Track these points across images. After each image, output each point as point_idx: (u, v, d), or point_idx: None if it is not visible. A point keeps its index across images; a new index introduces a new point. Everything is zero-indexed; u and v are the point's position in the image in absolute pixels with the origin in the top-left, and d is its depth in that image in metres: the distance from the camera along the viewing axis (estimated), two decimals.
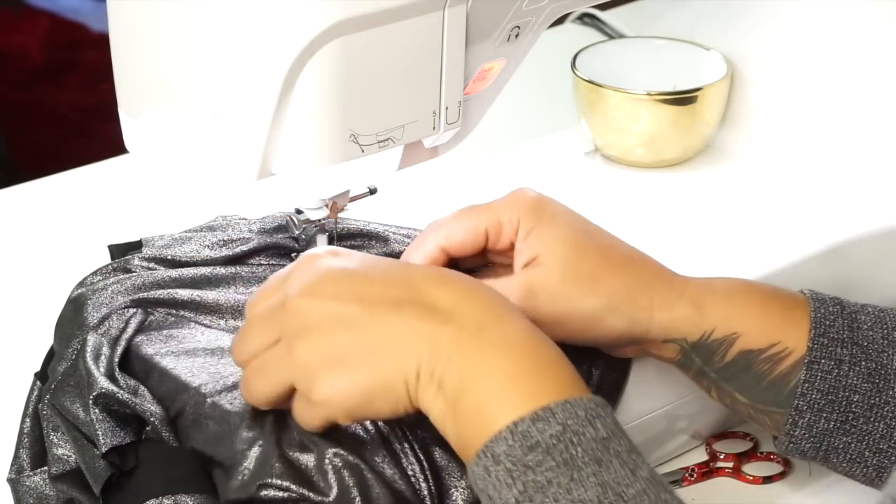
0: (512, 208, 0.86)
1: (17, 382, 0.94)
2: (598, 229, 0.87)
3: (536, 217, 0.85)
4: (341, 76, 0.80)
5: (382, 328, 0.75)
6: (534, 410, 0.71)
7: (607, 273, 0.84)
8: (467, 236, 0.86)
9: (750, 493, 0.94)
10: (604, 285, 0.84)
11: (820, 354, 0.83)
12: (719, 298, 0.84)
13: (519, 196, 0.86)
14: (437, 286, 0.77)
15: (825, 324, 0.83)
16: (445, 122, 0.86)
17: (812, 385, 0.83)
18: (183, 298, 0.90)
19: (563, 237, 0.85)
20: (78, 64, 2.24)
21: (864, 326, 0.84)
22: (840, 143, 1.08)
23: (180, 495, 0.80)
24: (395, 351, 0.75)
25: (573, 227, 0.86)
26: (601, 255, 0.85)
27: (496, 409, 0.72)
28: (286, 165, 0.82)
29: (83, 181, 1.32)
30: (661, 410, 0.93)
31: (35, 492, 0.87)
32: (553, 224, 0.85)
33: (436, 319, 0.75)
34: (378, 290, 0.77)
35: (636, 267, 0.85)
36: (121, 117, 0.89)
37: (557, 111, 1.22)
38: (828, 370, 0.83)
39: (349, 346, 0.76)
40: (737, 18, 1.13)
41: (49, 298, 0.97)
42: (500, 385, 0.73)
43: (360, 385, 0.76)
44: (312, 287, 0.78)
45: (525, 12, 0.87)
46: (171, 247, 0.94)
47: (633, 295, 0.84)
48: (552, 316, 0.83)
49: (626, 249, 0.86)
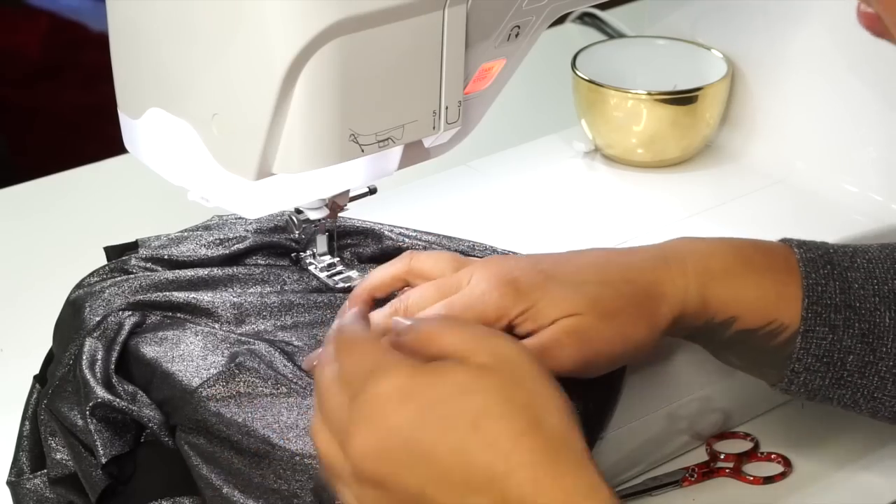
0: (497, 302, 0.82)
1: (17, 384, 0.94)
2: (565, 258, 0.86)
3: (525, 296, 0.82)
4: (341, 76, 0.80)
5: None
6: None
7: (629, 303, 0.84)
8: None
9: (750, 494, 0.93)
10: (633, 315, 0.84)
11: (814, 323, 0.85)
12: (718, 283, 0.86)
13: (491, 288, 0.82)
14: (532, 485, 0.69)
15: (818, 291, 0.85)
16: (445, 122, 0.86)
17: (807, 351, 0.85)
18: (179, 301, 0.90)
19: (573, 292, 0.83)
20: (78, 64, 2.24)
21: (855, 286, 0.86)
22: (840, 143, 1.08)
23: (179, 497, 0.80)
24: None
25: (573, 284, 0.83)
26: (614, 290, 0.84)
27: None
28: (286, 165, 0.82)
29: (83, 181, 1.32)
30: (661, 410, 0.93)
31: (35, 494, 0.87)
32: (547, 292, 0.83)
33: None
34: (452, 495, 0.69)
35: (640, 284, 0.85)
36: (120, 117, 0.89)
37: (557, 111, 1.22)
38: (822, 336, 0.85)
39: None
40: (737, 18, 1.13)
41: (49, 299, 0.97)
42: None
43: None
44: (378, 467, 0.70)
45: (525, 12, 0.87)
46: (168, 247, 0.94)
47: (653, 310, 0.85)
48: (607, 348, 0.83)
49: (614, 271, 0.85)
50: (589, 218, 1.05)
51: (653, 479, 0.94)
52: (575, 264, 0.85)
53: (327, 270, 0.94)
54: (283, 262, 0.96)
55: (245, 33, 0.79)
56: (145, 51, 0.85)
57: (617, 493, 0.68)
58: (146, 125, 0.87)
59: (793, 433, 0.95)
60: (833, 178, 1.07)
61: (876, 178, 1.06)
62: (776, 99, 1.11)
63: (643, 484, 0.93)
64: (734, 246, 0.88)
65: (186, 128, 0.84)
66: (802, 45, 1.09)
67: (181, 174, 0.87)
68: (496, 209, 1.06)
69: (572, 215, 1.05)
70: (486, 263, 0.85)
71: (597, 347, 0.83)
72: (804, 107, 1.10)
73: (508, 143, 1.17)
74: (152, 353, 0.86)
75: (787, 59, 1.10)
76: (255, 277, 0.93)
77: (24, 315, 1.10)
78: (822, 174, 1.08)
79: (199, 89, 0.82)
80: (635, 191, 1.10)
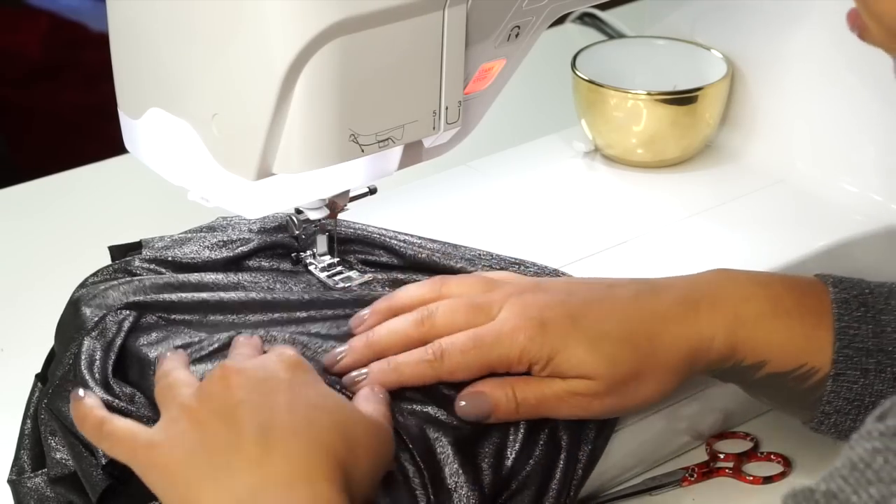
0: (524, 345, 0.84)
1: (18, 384, 0.94)
2: (595, 298, 0.86)
3: (549, 345, 0.84)
4: (341, 76, 0.80)
5: None
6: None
7: (646, 364, 0.84)
8: (472, 376, 0.84)
9: (750, 493, 0.93)
10: (648, 377, 0.85)
11: (845, 366, 0.84)
12: (747, 331, 0.85)
13: (519, 328, 0.84)
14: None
15: (850, 334, 0.85)
16: (445, 122, 0.86)
17: (838, 395, 0.85)
18: (181, 302, 0.89)
19: (591, 353, 0.84)
20: (78, 64, 2.24)
21: (888, 329, 0.85)
22: (840, 143, 1.08)
23: None
24: None
25: (589, 336, 0.84)
26: (632, 351, 0.84)
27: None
28: (286, 165, 0.82)
29: (83, 181, 1.32)
30: (662, 410, 0.93)
31: (36, 493, 0.87)
32: (568, 346, 0.84)
33: None
34: None
35: (663, 338, 0.85)
36: (120, 117, 0.89)
37: (557, 111, 1.22)
38: (853, 380, 0.84)
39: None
40: (737, 18, 1.13)
41: (49, 298, 0.97)
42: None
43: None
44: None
45: (525, 12, 0.87)
46: (171, 248, 0.94)
47: (672, 366, 0.85)
48: (613, 409, 0.86)
49: (640, 322, 0.85)
50: (589, 218, 1.05)
51: (653, 479, 0.94)
52: (601, 310, 0.85)
53: (327, 270, 0.94)
54: (286, 263, 0.95)
55: (245, 33, 0.79)
56: (145, 51, 0.85)
57: (616, 493, 0.70)
58: (146, 125, 0.87)
59: (793, 433, 0.95)
60: (833, 178, 1.07)
61: (876, 178, 1.06)
62: (776, 99, 1.11)
63: (643, 484, 0.93)
64: (766, 284, 0.87)
65: (186, 128, 0.84)
66: (802, 44, 1.09)
67: (181, 174, 0.87)
68: (496, 209, 1.06)
69: (572, 215, 1.05)
70: (520, 295, 0.85)
71: (596, 408, 0.84)
72: (804, 107, 1.10)
73: (508, 143, 1.17)
74: (151, 353, 0.86)
75: (787, 58, 1.10)
76: (260, 285, 0.92)
77: (25, 315, 1.10)
78: (822, 174, 1.08)
79: (200, 89, 0.82)
80: (635, 191, 1.10)
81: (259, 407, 0.75)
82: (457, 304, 0.85)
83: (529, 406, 0.84)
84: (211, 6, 0.79)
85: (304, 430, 0.74)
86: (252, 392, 0.76)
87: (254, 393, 0.76)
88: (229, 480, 0.72)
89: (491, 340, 0.83)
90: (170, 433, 0.75)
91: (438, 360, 0.83)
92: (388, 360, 0.84)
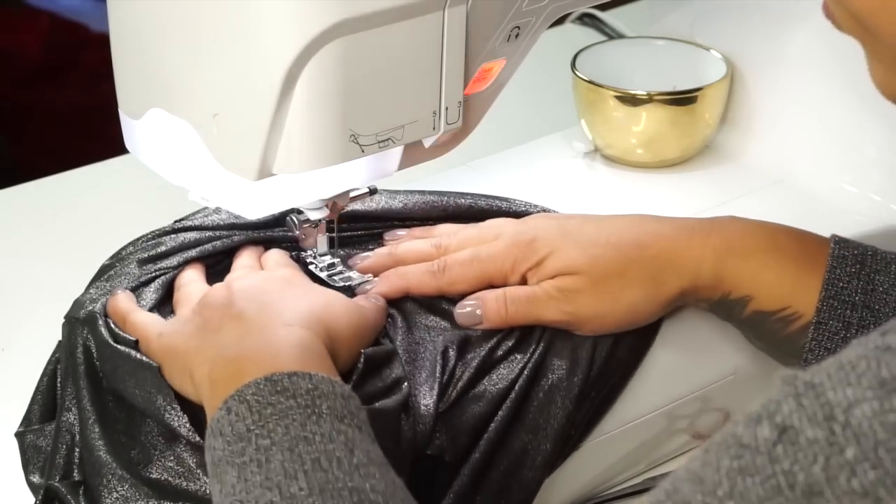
0: (516, 255, 0.91)
1: (19, 383, 0.94)
2: (597, 219, 0.92)
3: (537, 252, 0.90)
4: (341, 76, 0.80)
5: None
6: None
7: (630, 266, 0.88)
8: (470, 287, 0.91)
9: None
10: (633, 280, 0.88)
11: (828, 316, 0.86)
12: (737, 260, 0.88)
13: (511, 245, 0.91)
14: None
15: (838, 286, 0.86)
16: (445, 123, 0.86)
17: (819, 344, 0.86)
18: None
19: (578, 252, 0.89)
20: (78, 64, 2.24)
21: (879, 289, 0.86)
22: (840, 143, 1.08)
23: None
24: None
25: (578, 241, 0.90)
26: (618, 253, 0.89)
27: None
28: (286, 165, 0.82)
29: (83, 181, 1.32)
30: (662, 410, 0.93)
31: (36, 448, 0.89)
32: (556, 250, 0.89)
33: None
34: None
35: (650, 249, 0.89)
36: (121, 117, 0.89)
37: (557, 111, 1.22)
38: (835, 331, 0.86)
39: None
40: (736, 19, 1.13)
41: (49, 298, 0.97)
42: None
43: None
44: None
45: (525, 12, 0.87)
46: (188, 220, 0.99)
47: (657, 276, 0.88)
48: (599, 311, 0.88)
49: (632, 234, 0.90)
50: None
51: (653, 479, 0.94)
52: (600, 225, 0.91)
53: (328, 270, 0.95)
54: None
55: (246, 34, 0.79)
56: (146, 51, 0.85)
57: (617, 493, 0.71)
58: (147, 125, 0.87)
59: None
60: (833, 178, 1.07)
61: (876, 178, 1.06)
62: (775, 99, 1.11)
63: (643, 484, 0.93)
64: (769, 229, 0.90)
65: (187, 128, 0.84)
66: (802, 45, 1.09)
67: (181, 174, 0.87)
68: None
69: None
70: (521, 220, 0.94)
71: (583, 305, 0.87)
72: (804, 107, 1.10)
73: (508, 143, 1.17)
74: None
75: (787, 58, 1.10)
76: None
77: (25, 315, 1.10)
78: (822, 174, 1.08)
79: (200, 89, 0.82)
80: (635, 191, 1.10)
81: (254, 297, 0.85)
82: (468, 233, 0.94)
83: (519, 303, 0.88)
84: (212, 6, 0.79)
85: (290, 300, 0.84)
86: (249, 294, 0.85)
87: (251, 295, 0.85)
88: (216, 336, 0.82)
89: (487, 254, 0.91)
90: (176, 325, 0.86)
91: (440, 272, 0.91)
92: (398, 268, 0.92)
